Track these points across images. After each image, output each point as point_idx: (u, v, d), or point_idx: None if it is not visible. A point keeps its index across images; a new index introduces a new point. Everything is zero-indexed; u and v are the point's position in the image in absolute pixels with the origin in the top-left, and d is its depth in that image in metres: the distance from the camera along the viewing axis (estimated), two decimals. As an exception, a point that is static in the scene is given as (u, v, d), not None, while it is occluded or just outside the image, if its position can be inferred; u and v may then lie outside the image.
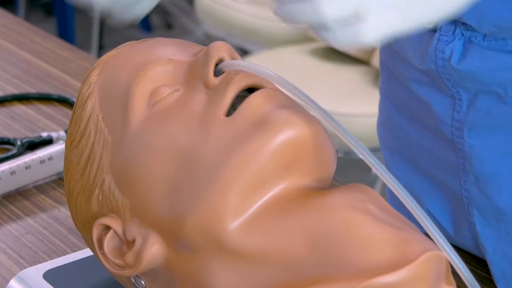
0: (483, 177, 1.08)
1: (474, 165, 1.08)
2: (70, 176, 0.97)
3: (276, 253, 0.82)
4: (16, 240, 1.21)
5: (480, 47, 1.02)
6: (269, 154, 0.82)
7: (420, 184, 1.17)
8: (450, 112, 1.08)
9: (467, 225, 1.12)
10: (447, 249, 0.78)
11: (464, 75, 1.03)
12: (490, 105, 1.05)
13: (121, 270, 0.91)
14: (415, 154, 1.16)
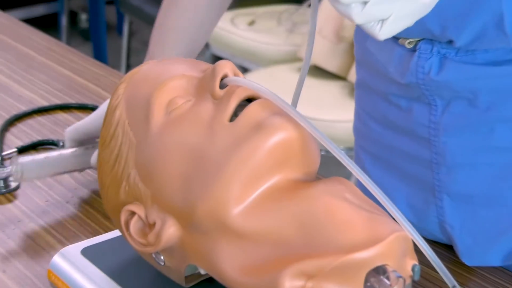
0: (454, 168, 1.08)
1: (447, 159, 1.08)
2: (102, 170, 0.97)
3: (271, 233, 0.82)
4: (59, 224, 1.20)
5: (454, 61, 1.02)
6: (265, 153, 0.82)
7: (389, 179, 1.17)
8: (427, 116, 1.07)
9: (435, 211, 1.12)
10: (411, 230, 0.78)
11: (441, 85, 1.03)
12: (461, 108, 1.04)
13: (144, 247, 0.90)
14: (387, 154, 1.16)
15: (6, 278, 1.08)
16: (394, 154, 1.15)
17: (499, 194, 1.06)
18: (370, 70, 1.17)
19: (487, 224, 1.08)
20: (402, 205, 1.14)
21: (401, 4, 0.76)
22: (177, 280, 0.94)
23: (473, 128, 1.05)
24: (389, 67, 1.09)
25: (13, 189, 1.28)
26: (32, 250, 1.14)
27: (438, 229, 1.13)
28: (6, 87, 1.63)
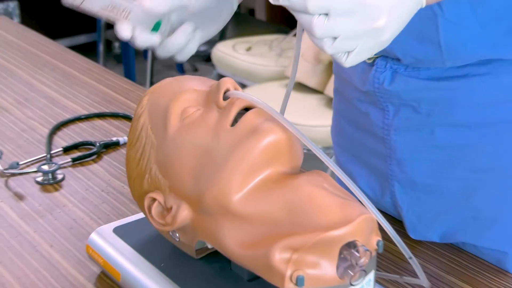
0: (402, 161, 1.07)
1: (397, 153, 1.07)
2: (129, 166, 0.96)
3: (264, 215, 0.81)
4: (96, 208, 1.19)
5: (403, 75, 1.01)
6: (259, 151, 0.81)
7: (358, 169, 1.16)
8: (381, 119, 1.07)
9: (389, 194, 1.11)
10: (375, 213, 0.78)
11: (392, 94, 1.02)
12: (408, 114, 1.04)
13: (163, 227, 0.89)
14: (356, 149, 1.15)
15: (53, 251, 1.08)
16: (359, 149, 1.14)
17: (437, 184, 1.05)
18: (341, 80, 1.16)
19: (427, 207, 1.07)
20: (365, 189, 1.13)
21: (364, 41, 0.75)
22: (189, 253, 0.94)
23: (417, 129, 1.04)
24: (354, 78, 1.08)
25: (59, 180, 1.28)
26: (74, 229, 1.14)
27: (391, 208, 1.13)
28: (54, 100, 1.62)
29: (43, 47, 1.96)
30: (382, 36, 0.75)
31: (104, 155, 1.37)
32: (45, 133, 1.45)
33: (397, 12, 0.74)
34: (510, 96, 0.97)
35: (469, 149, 1.01)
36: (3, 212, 1.18)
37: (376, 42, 0.76)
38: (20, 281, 1.01)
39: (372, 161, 1.12)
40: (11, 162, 1.30)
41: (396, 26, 0.75)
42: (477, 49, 0.95)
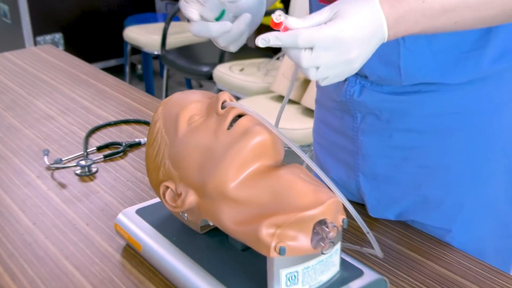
0: (367, 157, 1.06)
1: (363, 151, 1.06)
2: (148, 161, 0.95)
3: (254, 199, 0.80)
4: (122, 194, 1.19)
5: (369, 89, 1.00)
6: (249, 149, 0.81)
7: (331, 162, 1.15)
8: (351, 123, 1.06)
9: (355, 182, 1.10)
10: (341, 197, 0.78)
11: (360, 104, 1.02)
12: (371, 120, 1.03)
13: (174, 209, 0.89)
14: (331, 146, 1.14)
15: (88, 229, 1.07)
16: (333, 146, 1.13)
17: (393, 176, 1.04)
18: (321, 92, 1.16)
19: (385, 194, 1.07)
20: (335, 178, 1.12)
21: (340, 69, 0.76)
22: (195, 229, 0.93)
23: (378, 133, 1.03)
24: (331, 90, 1.07)
25: (94, 172, 1.27)
26: (105, 211, 1.13)
27: (356, 193, 1.12)
28: (90, 109, 1.61)
29: (81, 69, 1.96)
30: (354, 65, 0.76)
31: (129, 153, 1.37)
32: (83, 136, 1.44)
33: (365, 47, 0.76)
34: (452, 109, 0.96)
35: (419, 150, 1.01)
36: (49, 198, 1.17)
37: (349, 69, 0.77)
38: (62, 252, 1.01)
39: (343, 156, 1.11)
40: (56, 159, 1.30)
41: (364, 57, 0.77)
42: (429, 74, 0.94)
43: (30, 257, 0.99)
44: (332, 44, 0.74)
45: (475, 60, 0.92)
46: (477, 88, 0.95)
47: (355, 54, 0.75)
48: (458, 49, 0.92)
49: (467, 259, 0.98)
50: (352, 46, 0.74)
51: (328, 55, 0.74)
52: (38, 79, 1.85)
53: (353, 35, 0.74)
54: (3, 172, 1.28)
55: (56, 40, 4.16)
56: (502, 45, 0.92)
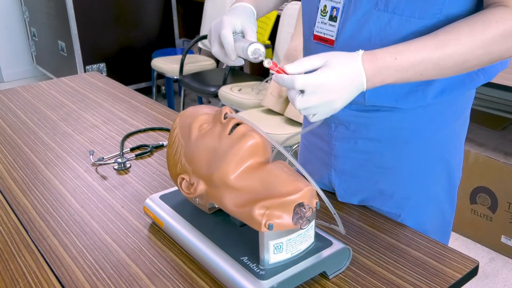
0: (338, 157, 1.04)
1: (335, 152, 1.04)
2: (168, 158, 0.94)
3: (249, 187, 0.79)
4: (149, 184, 1.17)
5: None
6: (245, 149, 0.80)
7: (311, 159, 1.13)
8: (327, 131, 1.04)
9: (327, 176, 1.08)
10: (315, 186, 0.77)
11: (333, 116, 0.99)
12: (342, 129, 1.01)
13: (189, 195, 0.87)
14: (312, 147, 1.11)
15: (123, 210, 1.05)
16: (314, 147, 1.10)
17: (357, 173, 1.02)
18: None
19: (351, 186, 1.05)
20: (314, 172, 1.11)
21: (324, 108, 0.76)
22: (204, 210, 0.92)
23: (347, 139, 1.01)
24: None
25: (128, 167, 1.25)
26: (136, 196, 1.11)
27: (329, 184, 1.10)
28: (125, 120, 1.59)
29: (119, 89, 1.93)
30: (335, 106, 0.76)
31: (155, 152, 1.35)
32: (119, 140, 1.42)
33: (345, 92, 0.75)
34: (404, 125, 0.94)
35: (378, 154, 0.99)
36: (94, 187, 1.15)
37: (331, 109, 0.77)
38: (103, 228, 0.99)
39: (320, 155, 1.09)
40: (99, 157, 1.28)
41: (344, 101, 0.77)
42: (387, 100, 0.92)
43: (79, 232, 0.97)
44: (319, 89, 0.73)
45: (423, 92, 0.90)
46: (424, 110, 0.93)
47: (336, 97, 0.75)
48: (412, 84, 0.90)
49: (411, 232, 0.97)
50: (335, 91, 0.74)
51: (315, 97, 0.74)
52: (86, 97, 1.83)
53: (336, 83, 0.74)
54: (59, 167, 1.26)
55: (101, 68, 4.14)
56: (443, 84, 0.90)
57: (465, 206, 2.33)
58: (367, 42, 0.87)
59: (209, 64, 3.86)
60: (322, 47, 0.93)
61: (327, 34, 0.92)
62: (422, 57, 0.77)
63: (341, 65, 0.74)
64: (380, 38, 0.86)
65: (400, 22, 0.84)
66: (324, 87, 0.73)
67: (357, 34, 0.88)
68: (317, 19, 0.94)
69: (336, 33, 0.90)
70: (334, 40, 0.91)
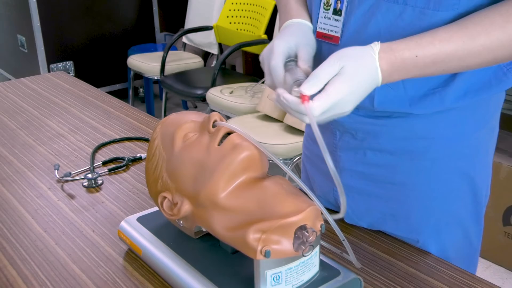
0: (344, 170, 1.04)
1: (340, 165, 1.05)
2: (147, 174, 0.94)
3: (242, 208, 0.79)
4: (125, 203, 1.17)
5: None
6: (237, 163, 0.80)
7: (314, 173, 1.14)
8: (332, 140, 1.04)
9: (333, 192, 1.09)
10: (319, 205, 0.77)
11: (338, 124, 1.00)
12: (348, 138, 1.02)
13: (171, 216, 0.88)
14: (315, 159, 1.12)
15: (94, 235, 1.05)
16: (317, 159, 1.11)
17: (366, 190, 1.03)
18: None
19: (360, 206, 1.05)
20: (317, 187, 1.11)
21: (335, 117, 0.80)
22: (190, 234, 0.92)
23: (354, 150, 1.01)
24: None
25: (99, 184, 1.25)
26: (109, 219, 1.11)
27: (334, 202, 1.10)
28: (96, 128, 1.59)
29: (89, 92, 1.94)
30: (346, 111, 0.80)
31: (131, 166, 1.35)
32: (90, 152, 1.42)
33: (360, 99, 0.79)
34: (420, 134, 0.95)
35: (388, 168, 0.99)
36: (59, 208, 1.15)
37: (342, 115, 0.80)
38: (70, 256, 0.98)
39: (324, 168, 1.09)
40: (65, 172, 1.28)
41: (356, 103, 0.80)
42: (399, 105, 0.93)
43: (41, 262, 0.97)
44: (334, 106, 0.77)
45: (441, 96, 0.91)
46: (443, 117, 0.94)
47: (351, 108, 0.79)
48: (427, 86, 0.91)
49: (433, 259, 0.97)
50: (350, 102, 0.78)
51: (329, 113, 0.77)
52: (51, 101, 1.83)
53: (352, 93, 0.77)
54: (18, 185, 1.26)
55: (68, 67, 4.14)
56: (466, 85, 0.91)
57: (497, 229, 2.33)
58: (376, 38, 0.88)
59: (195, 63, 3.88)
60: (326, 46, 0.94)
61: (331, 31, 0.93)
62: (446, 53, 0.79)
63: (357, 72, 0.77)
64: (390, 33, 0.87)
65: (413, 15, 0.85)
66: (340, 102, 0.77)
67: (364, 29, 0.89)
68: (320, 14, 0.95)
69: (341, 29, 0.91)
70: (339, 37, 0.92)
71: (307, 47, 0.89)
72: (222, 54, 3.32)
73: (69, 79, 2.11)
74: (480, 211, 1.04)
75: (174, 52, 4.03)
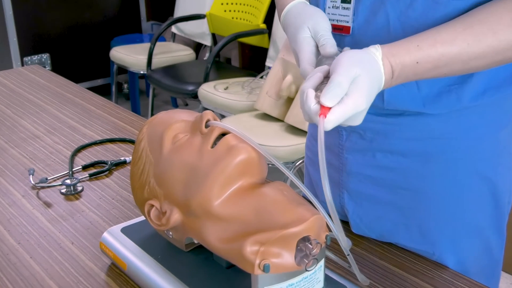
0: (351, 174, 1.05)
1: (347, 168, 1.05)
2: (133, 179, 0.94)
3: (238, 217, 0.79)
4: (107, 212, 1.17)
5: None
6: (233, 167, 0.80)
7: (318, 177, 1.14)
8: (337, 140, 1.05)
9: (339, 199, 1.09)
10: (325, 214, 0.76)
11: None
12: (355, 139, 1.02)
13: (159, 227, 0.88)
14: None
15: (73, 248, 1.06)
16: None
17: (375, 195, 1.03)
18: None
19: (368, 214, 1.06)
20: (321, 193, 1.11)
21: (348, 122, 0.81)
22: (180, 247, 0.92)
23: (362, 152, 1.02)
24: None
25: (79, 191, 1.25)
26: (90, 229, 1.11)
27: (340, 209, 1.10)
28: (76, 129, 1.60)
29: (68, 88, 1.94)
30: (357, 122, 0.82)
31: (114, 171, 1.35)
32: (68, 155, 1.42)
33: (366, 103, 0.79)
34: (434, 134, 0.96)
35: (400, 172, 1.00)
36: (35, 217, 1.15)
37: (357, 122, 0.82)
38: (47, 271, 0.99)
39: (329, 172, 1.09)
40: (41, 178, 1.29)
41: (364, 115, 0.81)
42: (411, 104, 0.93)
43: (15, 277, 0.97)
44: (348, 119, 0.79)
45: (457, 94, 0.92)
46: (460, 115, 0.94)
47: (361, 121, 0.81)
48: (442, 83, 0.91)
49: (450, 274, 0.98)
50: (362, 117, 0.81)
51: (340, 123, 0.79)
52: (25, 99, 1.84)
53: (366, 110, 0.80)
54: (-11, 191, 1.26)
55: (43, 60, 4.14)
56: (485, 82, 0.92)
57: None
58: (385, 29, 0.88)
59: (186, 55, 3.88)
60: (337, 38, 0.94)
61: (341, 21, 0.94)
62: (449, 57, 0.81)
63: (371, 82, 0.78)
64: (401, 24, 0.87)
65: (426, 4, 0.85)
66: (355, 115, 0.79)
67: (372, 19, 0.89)
68: (327, 4, 0.96)
69: (351, 18, 0.92)
70: (350, 27, 0.93)
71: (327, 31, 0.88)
72: (216, 46, 3.32)
73: (45, 74, 2.11)
74: (502, 220, 1.04)
75: (162, 43, 4.03)
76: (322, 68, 0.81)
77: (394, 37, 0.85)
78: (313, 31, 0.88)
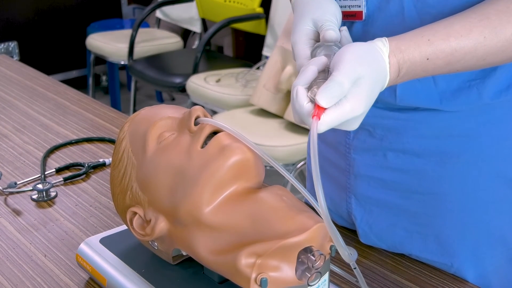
0: (359, 177, 1.05)
1: (355, 169, 1.06)
2: (113, 184, 0.95)
3: (231, 225, 0.80)
4: (84, 221, 1.18)
5: None
6: (226, 169, 0.81)
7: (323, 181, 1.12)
8: (344, 138, 1.05)
9: (346, 205, 1.10)
10: (327, 222, 0.75)
11: None
12: (364, 137, 1.03)
13: (143, 237, 0.88)
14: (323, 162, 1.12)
15: (46, 260, 1.06)
16: (325, 162, 1.12)
17: (387, 200, 1.04)
18: None
19: (378, 219, 1.06)
20: (327, 198, 1.12)
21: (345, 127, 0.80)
22: (166, 259, 0.93)
23: (372, 151, 1.02)
24: None
25: (52, 197, 1.26)
26: (65, 240, 1.12)
27: (346, 216, 1.11)
28: (48, 127, 1.60)
29: (38, 81, 1.95)
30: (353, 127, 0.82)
31: (92, 175, 1.36)
32: (40, 156, 1.43)
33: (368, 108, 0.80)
34: (453, 132, 0.96)
35: (414, 174, 1.00)
36: (2, 227, 1.16)
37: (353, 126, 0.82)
38: (16, 287, 0.99)
39: (335, 174, 1.10)
40: (9, 182, 1.29)
41: (361, 121, 0.81)
42: (426, 100, 0.94)
43: (-20, 294, 0.98)
44: (343, 124, 0.79)
45: (478, 90, 0.92)
46: (480, 112, 0.95)
47: (357, 126, 0.81)
48: (462, 77, 0.92)
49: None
50: (358, 123, 0.80)
51: (333, 127, 0.78)
52: (-10, 93, 1.84)
53: (363, 116, 0.80)
54: (-50, 198, 1.26)
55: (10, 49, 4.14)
56: (509, 76, 0.92)
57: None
58: (400, 17, 0.88)
59: (172, 43, 3.89)
60: (349, 24, 0.95)
61: (353, 6, 0.94)
62: (463, 52, 0.81)
63: (373, 85, 0.79)
64: (417, 11, 0.88)
65: None
66: (351, 120, 0.79)
67: (385, 6, 0.90)
68: None
69: (364, 1, 0.93)
70: (362, 12, 0.93)
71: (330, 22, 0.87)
72: (207, 33, 3.33)
73: (13, 65, 2.11)
74: None
75: (145, 30, 4.03)
76: (317, 61, 0.80)
77: (408, 25, 0.85)
78: (316, 23, 0.88)
